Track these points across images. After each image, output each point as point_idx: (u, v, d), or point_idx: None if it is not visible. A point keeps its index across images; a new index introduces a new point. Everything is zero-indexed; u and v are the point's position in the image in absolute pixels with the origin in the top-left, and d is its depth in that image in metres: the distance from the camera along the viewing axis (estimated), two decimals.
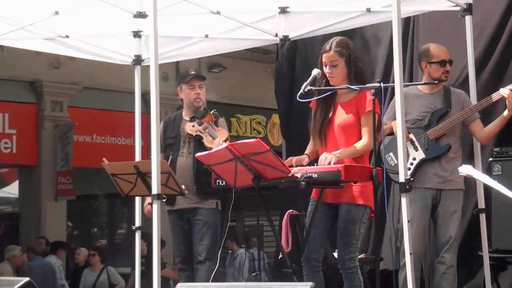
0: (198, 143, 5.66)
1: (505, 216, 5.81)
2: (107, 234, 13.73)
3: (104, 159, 5.22)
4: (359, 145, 4.57)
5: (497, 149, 6.13)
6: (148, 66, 6.16)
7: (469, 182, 5.77)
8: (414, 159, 5.30)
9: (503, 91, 5.16)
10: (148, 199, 5.58)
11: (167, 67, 11.72)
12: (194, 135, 5.63)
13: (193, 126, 5.67)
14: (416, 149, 5.30)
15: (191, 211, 5.64)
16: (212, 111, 5.79)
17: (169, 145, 5.71)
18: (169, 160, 5.63)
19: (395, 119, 5.19)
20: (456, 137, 5.37)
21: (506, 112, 5.21)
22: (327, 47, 4.67)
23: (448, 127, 5.29)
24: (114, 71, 10.37)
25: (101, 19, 6.18)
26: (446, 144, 5.30)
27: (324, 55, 4.68)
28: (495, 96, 5.26)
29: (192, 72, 5.84)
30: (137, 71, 6.47)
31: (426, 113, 5.34)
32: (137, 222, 6.11)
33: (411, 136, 5.31)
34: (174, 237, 5.72)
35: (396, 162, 5.28)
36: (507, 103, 5.17)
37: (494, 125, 5.32)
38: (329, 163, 4.36)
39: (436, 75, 5.34)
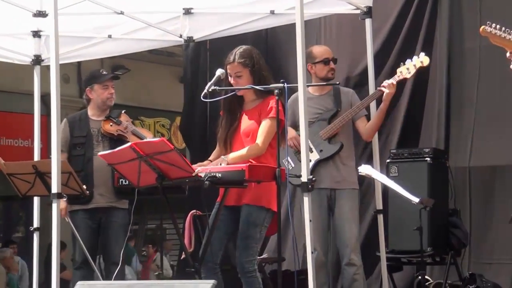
0: (113, 141, 5.66)
1: (401, 217, 5.99)
2: (2, 238, 13.31)
3: None
4: (250, 148, 4.58)
5: (394, 150, 6.35)
6: (48, 66, 6.09)
7: (370, 183, 5.94)
8: (310, 160, 5.38)
9: (383, 84, 5.35)
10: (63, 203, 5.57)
11: (68, 69, 11.52)
12: (116, 134, 5.63)
13: (111, 125, 5.69)
14: (311, 151, 5.41)
15: (106, 210, 5.65)
16: (123, 110, 5.83)
17: (80, 144, 5.67)
18: (83, 159, 5.56)
19: (289, 125, 5.30)
20: (348, 136, 5.51)
21: (382, 104, 5.39)
22: (231, 58, 4.67)
23: (338, 126, 5.42)
24: (10, 72, 10.11)
25: (0, 18, 6.01)
26: (338, 143, 5.43)
27: (228, 66, 4.68)
28: (377, 92, 5.42)
29: (105, 72, 5.89)
30: (37, 71, 6.35)
31: (318, 114, 5.46)
32: (35, 223, 5.98)
33: None
34: (81, 235, 5.64)
35: (293, 165, 5.38)
36: (384, 95, 5.34)
37: (374, 120, 5.48)
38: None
39: (322, 74, 5.48)
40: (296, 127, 5.38)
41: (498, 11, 6.75)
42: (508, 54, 3.38)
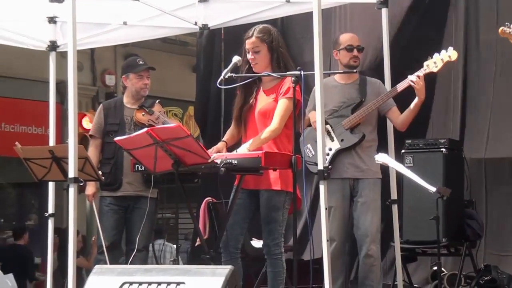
0: None
1: (415, 207, 5.98)
2: (15, 226, 13.36)
3: (16, 143, 5.13)
4: (267, 130, 4.56)
5: (409, 141, 6.32)
6: (62, 53, 6.14)
7: (384, 172, 5.91)
8: (330, 149, 5.38)
9: (410, 78, 5.29)
10: (89, 189, 5.67)
11: (82, 57, 11.53)
12: (147, 124, 5.60)
13: (143, 115, 5.70)
14: (332, 140, 5.38)
15: (134, 198, 5.68)
16: (157, 100, 5.85)
17: (113, 131, 5.69)
18: (114, 147, 5.53)
19: (314, 109, 5.30)
20: (371, 126, 5.45)
21: (416, 99, 5.34)
22: (250, 33, 4.69)
23: (361, 116, 5.38)
24: (25, 59, 10.12)
25: (16, 4, 6.02)
26: (360, 133, 5.39)
27: (247, 42, 4.69)
28: (403, 84, 5.35)
29: (141, 62, 5.90)
30: (52, 57, 6.36)
31: (342, 103, 5.42)
32: (50, 209, 5.99)
33: (327, 126, 5.39)
34: (107, 221, 5.70)
35: (313, 153, 5.35)
36: (415, 90, 5.29)
37: (408, 112, 5.41)
38: None
39: (345, 61, 5.44)
40: None
41: None
42: None
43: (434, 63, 5.34)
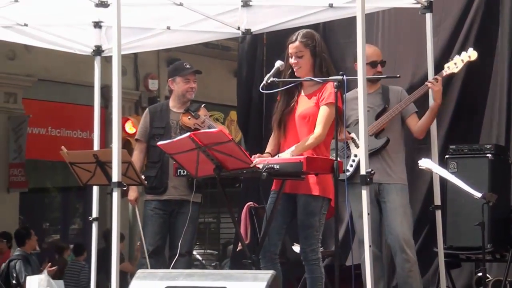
0: None
1: (459, 213, 5.92)
2: (60, 229, 13.55)
3: (62, 147, 5.19)
4: (312, 137, 4.58)
5: (453, 146, 6.25)
6: (106, 58, 6.20)
7: (425, 178, 5.84)
8: (356, 155, 5.36)
9: (428, 81, 5.30)
10: (132, 194, 5.73)
11: (125, 62, 11.59)
12: (193, 128, 5.62)
13: (189, 118, 5.74)
14: (357, 146, 5.37)
15: (179, 202, 5.71)
16: (203, 105, 5.87)
17: (159, 135, 5.72)
18: (160, 151, 5.54)
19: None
20: (396, 133, 5.45)
21: (433, 103, 5.33)
22: (293, 38, 4.72)
23: (385, 121, 5.39)
24: (70, 64, 10.25)
25: (61, 8, 6.11)
26: (384, 138, 5.37)
27: (290, 46, 4.72)
28: (422, 89, 5.36)
29: (188, 66, 5.95)
30: (97, 62, 6.43)
31: (366, 111, 5.39)
32: (94, 213, 6.05)
33: (352, 135, 5.39)
34: (151, 226, 5.74)
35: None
36: (432, 93, 5.29)
37: (426, 118, 5.42)
38: None
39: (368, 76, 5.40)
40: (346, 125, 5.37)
41: None
42: None
43: (454, 64, 5.38)
